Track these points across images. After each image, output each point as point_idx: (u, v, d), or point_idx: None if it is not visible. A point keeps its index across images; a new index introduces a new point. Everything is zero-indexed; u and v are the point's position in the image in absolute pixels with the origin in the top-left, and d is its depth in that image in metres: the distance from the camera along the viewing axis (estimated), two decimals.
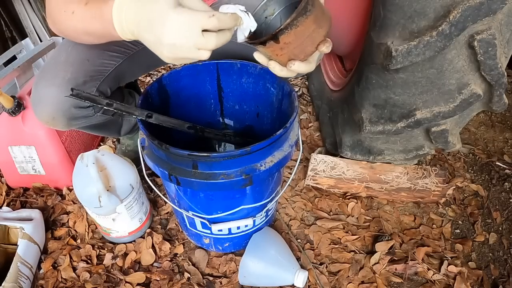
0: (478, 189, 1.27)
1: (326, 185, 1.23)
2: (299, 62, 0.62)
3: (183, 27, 0.53)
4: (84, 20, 0.66)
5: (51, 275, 0.99)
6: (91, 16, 0.64)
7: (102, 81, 0.88)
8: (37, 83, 0.83)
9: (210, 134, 0.90)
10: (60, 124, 0.85)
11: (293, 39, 0.58)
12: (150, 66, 1.08)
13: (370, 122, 1.03)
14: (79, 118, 0.86)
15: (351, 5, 1.18)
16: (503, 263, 1.06)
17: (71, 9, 0.67)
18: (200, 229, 0.96)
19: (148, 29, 0.56)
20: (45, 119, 0.84)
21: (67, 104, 0.82)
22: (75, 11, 0.67)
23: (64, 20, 0.70)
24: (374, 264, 1.03)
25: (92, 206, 0.94)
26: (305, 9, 0.55)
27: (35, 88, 0.84)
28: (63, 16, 0.69)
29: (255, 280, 0.95)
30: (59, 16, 0.70)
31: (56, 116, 0.83)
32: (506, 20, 0.76)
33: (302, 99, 1.73)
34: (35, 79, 0.85)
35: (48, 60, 0.88)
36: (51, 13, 0.73)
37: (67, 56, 0.83)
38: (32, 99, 0.84)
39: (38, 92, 0.83)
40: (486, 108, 0.92)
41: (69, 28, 0.71)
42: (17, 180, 1.23)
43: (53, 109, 0.82)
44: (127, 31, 0.60)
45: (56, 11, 0.71)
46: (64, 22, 0.70)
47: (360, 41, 1.11)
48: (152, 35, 0.56)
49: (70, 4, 0.68)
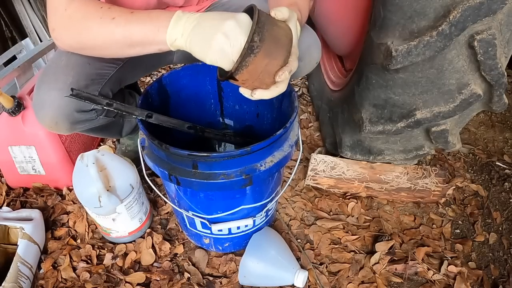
0: (478, 189, 1.27)
1: (326, 185, 1.23)
2: (261, 90, 0.66)
3: (237, 27, 0.60)
4: (127, 24, 0.68)
5: (51, 275, 0.99)
6: (140, 18, 0.67)
7: (104, 84, 0.87)
8: (39, 88, 0.83)
9: (210, 134, 0.89)
10: (63, 128, 0.84)
11: (248, 76, 0.62)
12: (150, 67, 1.09)
13: (370, 122, 1.03)
14: (81, 122, 0.86)
15: (351, 5, 1.18)
16: (503, 263, 1.06)
17: (110, 15, 0.68)
18: (200, 229, 0.96)
19: (207, 20, 0.62)
20: (48, 123, 0.83)
21: (69, 108, 0.81)
22: (117, 17, 0.68)
23: (97, 26, 0.70)
24: (374, 264, 1.03)
25: (92, 206, 0.94)
26: (250, 49, 0.58)
27: (36, 93, 0.83)
28: (97, 22, 0.69)
29: (255, 280, 0.95)
30: (90, 23, 0.70)
31: (59, 120, 0.82)
32: (506, 20, 0.76)
33: (302, 99, 1.73)
34: (36, 83, 0.84)
35: (48, 64, 0.87)
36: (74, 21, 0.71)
37: (67, 59, 0.83)
38: (34, 104, 0.83)
39: (40, 97, 0.82)
40: (486, 108, 0.92)
41: (102, 33, 0.70)
42: (17, 180, 1.23)
43: (56, 113, 0.81)
44: (181, 31, 0.64)
45: (86, 18, 0.70)
46: (97, 29, 0.70)
47: (360, 41, 1.11)
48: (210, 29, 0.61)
49: (108, 12, 0.69)
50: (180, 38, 0.65)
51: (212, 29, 0.61)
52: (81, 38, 0.73)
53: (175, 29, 0.65)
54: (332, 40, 1.38)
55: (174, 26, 0.65)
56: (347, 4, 1.20)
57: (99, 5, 0.70)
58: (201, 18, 0.63)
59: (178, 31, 0.65)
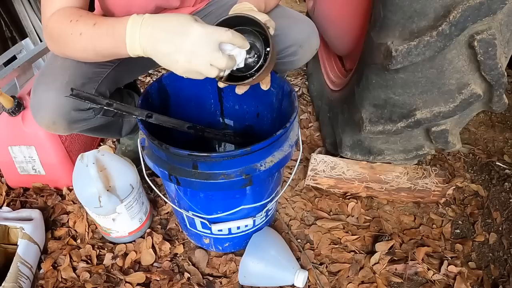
0: (478, 189, 1.27)
1: (326, 185, 1.23)
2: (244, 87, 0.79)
3: (204, 38, 0.60)
4: (93, 39, 0.69)
5: (51, 275, 0.99)
6: (101, 34, 0.68)
7: (101, 83, 0.88)
8: (36, 89, 0.83)
9: (210, 134, 0.89)
10: (61, 128, 0.85)
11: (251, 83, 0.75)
12: (147, 66, 1.09)
13: (370, 122, 1.03)
14: (79, 121, 0.86)
15: (351, 5, 1.18)
16: (503, 263, 1.06)
17: (78, 31, 0.70)
18: (200, 229, 0.96)
19: (165, 40, 0.62)
20: (46, 124, 0.83)
21: (67, 107, 0.81)
22: (83, 32, 0.70)
23: (72, 42, 0.72)
24: (374, 264, 1.03)
25: (92, 206, 0.94)
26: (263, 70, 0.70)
27: (34, 94, 0.83)
28: (70, 39, 0.71)
29: (255, 280, 0.95)
30: (66, 39, 0.72)
31: (56, 120, 0.82)
32: (506, 20, 0.76)
33: (302, 99, 1.73)
34: (33, 85, 0.84)
35: (44, 65, 0.88)
36: (54, 38, 0.75)
37: (63, 60, 0.83)
38: (32, 105, 0.83)
39: (37, 98, 0.82)
40: (486, 108, 0.92)
41: (77, 50, 0.73)
42: (17, 180, 1.23)
43: (53, 113, 0.81)
44: (138, 46, 0.65)
45: (61, 35, 0.73)
46: (72, 45, 0.73)
47: (360, 41, 1.11)
48: (171, 44, 0.61)
49: (76, 27, 0.70)
50: (143, 54, 0.66)
51: (172, 54, 0.62)
52: (65, 53, 0.77)
53: (133, 47, 0.66)
54: (332, 40, 1.38)
55: (131, 44, 0.65)
56: (347, 4, 1.20)
57: (69, 19, 0.71)
58: (156, 36, 0.63)
59: (137, 49, 0.66)
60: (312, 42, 0.96)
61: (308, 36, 0.95)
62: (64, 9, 0.74)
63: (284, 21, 0.91)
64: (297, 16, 0.97)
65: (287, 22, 0.92)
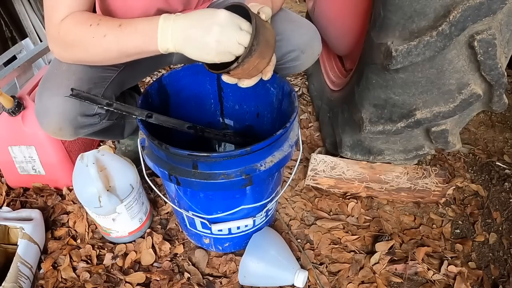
0: (478, 189, 1.27)
1: (326, 185, 1.23)
2: (248, 80, 0.76)
3: (229, 19, 0.66)
4: (119, 39, 0.70)
5: (51, 275, 0.99)
6: (130, 33, 0.70)
7: (107, 87, 0.87)
8: (41, 94, 0.82)
9: (210, 134, 0.89)
10: (67, 134, 0.84)
11: (241, 72, 0.71)
12: (151, 68, 1.09)
13: (370, 122, 1.03)
14: (85, 126, 0.85)
15: (351, 5, 1.18)
16: (503, 263, 1.06)
17: (101, 33, 0.70)
18: (200, 229, 0.96)
19: (195, 25, 0.66)
20: (52, 129, 0.82)
21: (73, 113, 0.81)
22: (107, 34, 0.70)
23: (92, 46, 0.72)
24: (374, 264, 1.03)
25: (92, 206, 0.94)
26: (249, 51, 0.67)
27: (39, 99, 0.82)
28: (90, 42, 0.72)
29: (255, 280, 0.95)
30: (85, 43, 0.72)
31: (63, 126, 0.81)
32: (506, 20, 0.76)
33: (302, 99, 1.73)
34: (38, 90, 0.83)
35: (48, 70, 0.86)
36: (68, 44, 0.74)
37: (68, 65, 0.82)
38: (37, 111, 0.82)
39: (43, 104, 0.81)
40: (486, 108, 0.92)
41: (98, 53, 0.74)
42: (17, 180, 1.23)
43: (60, 119, 0.80)
44: (169, 39, 0.68)
45: (79, 40, 0.73)
46: (93, 48, 0.73)
47: (360, 41, 1.11)
48: (200, 28, 0.66)
49: (98, 29, 0.71)
50: (172, 48, 0.69)
51: (202, 37, 0.66)
52: (79, 58, 0.77)
53: (165, 41, 0.69)
54: (332, 40, 1.38)
55: (163, 38, 0.68)
56: (347, 4, 1.20)
57: (88, 23, 0.71)
58: (187, 26, 0.67)
59: (168, 42, 0.69)
60: (314, 48, 0.95)
61: (310, 41, 0.94)
62: (74, 14, 0.73)
63: (287, 26, 0.91)
64: (299, 20, 0.96)
65: (290, 26, 0.92)
